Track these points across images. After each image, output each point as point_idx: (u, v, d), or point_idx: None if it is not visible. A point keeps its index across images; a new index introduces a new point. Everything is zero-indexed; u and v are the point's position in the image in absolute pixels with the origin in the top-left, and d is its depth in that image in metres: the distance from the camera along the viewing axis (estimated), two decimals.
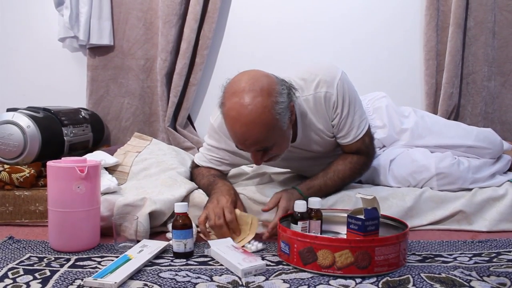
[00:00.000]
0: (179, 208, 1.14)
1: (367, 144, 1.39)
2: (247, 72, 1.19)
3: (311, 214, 1.17)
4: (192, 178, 1.52)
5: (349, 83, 1.35)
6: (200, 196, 1.40)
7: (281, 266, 1.06)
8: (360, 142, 1.37)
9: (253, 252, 1.13)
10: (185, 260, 1.10)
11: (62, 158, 1.20)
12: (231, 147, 1.37)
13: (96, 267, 1.04)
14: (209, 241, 1.13)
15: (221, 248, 1.09)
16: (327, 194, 1.37)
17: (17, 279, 0.96)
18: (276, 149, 1.22)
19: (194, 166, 1.53)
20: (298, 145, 1.38)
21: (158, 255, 1.12)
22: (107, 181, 1.40)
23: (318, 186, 1.33)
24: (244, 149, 1.21)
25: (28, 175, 1.47)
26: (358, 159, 1.39)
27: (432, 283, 0.95)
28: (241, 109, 1.12)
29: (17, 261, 1.07)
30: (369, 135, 1.40)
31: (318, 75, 1.32)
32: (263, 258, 1.09)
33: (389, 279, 0.98)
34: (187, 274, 1.00)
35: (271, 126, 1.14)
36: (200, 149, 1.52)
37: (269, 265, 1.06)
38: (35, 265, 1.05)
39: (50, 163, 1.16)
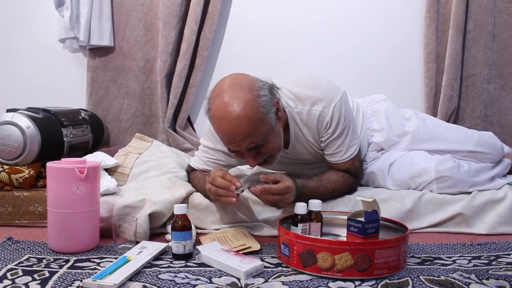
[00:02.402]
0: (179, 209, 1.14)
1: (356, 166, 1.41)
2: (227, 76, 1.22)
3: (312, 216, 1.17)
4: (189, 181, 1.52)
5: (347, 106, 1.36)
6: (199, 197, 1.40)
7: (280, 268, 1.06)
8: (349, 164, 1.39)
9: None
10: (184, 261, 1.10)
11: (62, 159, 1.20)
12: (226, 148, 1.38)
13: (95, 268, 1.04)
14: (198, 247, 1.13)
15: (213, 253, 1.08)
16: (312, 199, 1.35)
17: (16, 280, 0.96)
18: (268, 147, 1.22)
19: (191, 169, 1.54)
20: (290, 152, 1.40)
21: (157, 257, 1.12)
22: (106, 182, 1.40)
23: (311, 188, 1.32)
24: (236, 148, 1.21)
25: (27, 175, 1.47)
26: (348, 177, 1.40)
27: (431, 285, 0.95)
28: (225, 107, 1.14)
29: (16, 262, 1.07)
30: (358, 159, 1.42)
31: (317, 92, 1.33)
32: (262, 260, 1.09)
33: (388, 281, 0.98)
34: (186, 276, 1.00)
35: (257, 119, 1.15)
36: (196, 152, 1.53)
37: (268, 267, 1.06)
38: (34, 266, 1.05)
39: (49, 164, 1.16)
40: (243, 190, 1.20)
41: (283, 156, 1.41)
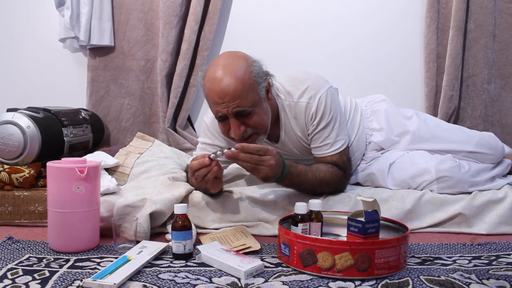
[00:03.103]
0: (179, 209, 1.14)
1: (344, 161, 1.41)
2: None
3: (312, 216, 1.16)
4: (187, 181, 1.52)
5: (334, 99, 1.38)
6: (198, 196, 1.40)
7: (280, 268, 1.06)
8: (337, 157, 1.39)
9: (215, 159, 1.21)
10: (184, 261, 1.10)
11: (62, 159, 1.21)
12: (224, 143, 1.42)
13: (95, 268, 1.04)
14: (198, 246, 1.13)
15: (213, 252, 1.08)
16: (300, 185, 1.35)
17: (16, 280, 0.96)
18: (254, 120, 1.25)
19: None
20: (280, 146, 1.42)
21: (158, 256, 1.12)
22: (106, 181, 1.40)
23: (299, 170, 1.31)
24: (223, 111, 1.23)
25: (27, 175, 1.47)
26: (337, 170, 1.39)
27: (431, 285, 0.95)
28: (220, 69, 1.22)
29: (16, 262, 1.07)
30: (346, 155, 1.42)
31: (305, 84, 1.37)
32: (262, 260, 1.09)
33: (388, 281, 0.98)
34: (186, 276, 1.00)
35: (248, 84, 1.21)
36: (194, 152, 1.53)
37: (269, 267, 1.06)
38: (34, 265, 1.05)
39: (50, 164, 1.16)
40: (221, 153, 1.19)
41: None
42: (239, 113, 1.23)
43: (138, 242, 1.19)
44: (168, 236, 1.27)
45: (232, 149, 1.17)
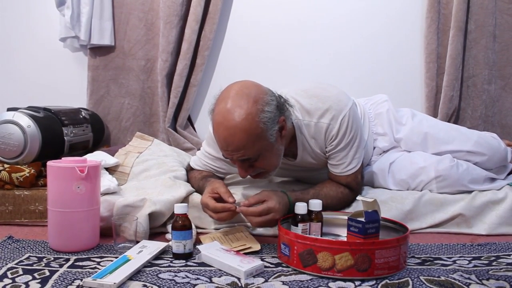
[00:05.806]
0: (179, 209, 1.14)
1: (358, 181, 1.39)
2: (239, 81, 1.19)
3: (312, 216, 1.17)
4: (187, 180, 1.52)
5: (355, 118, 1.33)
6: (199, 197, 1.39)
7: (280, 268, 1.06)
8: (352, 177, 1.36)
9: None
10: (184, 261, 1.10)
11: (62, 158, 1.20)
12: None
13: (95, 268, 1.04)
14: (198, 246, 1.13)
15: (213, 252, 1.08)
16: None
17: (16, 279, 0.96)
18: (262, 163, 1.19)
19: (190, 169, 1.54)
20: (298, 163, 1.39)
21: (158, 256, 1.12)
22: (107, 181, 1.40)
23: (306, 201, 1.27)
24: (228, 157, 1.19)
25: (28, 174, 1.47)
26: (348, 193, 1.37)
27: (431, 286, 0.95)
28: (226, 114, 1.12)
29: (16, 261, 1.07)
30: (361, 173, 1.40)
31: (326, 103, 1.30)
32: (262, 259, 1.09)
33: (388, 282, 0.98)
34: (186, 275, 1.00)
35: (253, 133, 1.12)
36: (197, 152, 1.52)
37: (269, 267, 1.06)
38: (34, 265, 1.05)
39: (50, 163, 1.16)
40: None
41: (290, 164, 1.40)
42: (244, 160, 1.18)
43: (138, 241, 1.19)
44: (168, 236, 1.27)
45: (241, 206, 1.18)
